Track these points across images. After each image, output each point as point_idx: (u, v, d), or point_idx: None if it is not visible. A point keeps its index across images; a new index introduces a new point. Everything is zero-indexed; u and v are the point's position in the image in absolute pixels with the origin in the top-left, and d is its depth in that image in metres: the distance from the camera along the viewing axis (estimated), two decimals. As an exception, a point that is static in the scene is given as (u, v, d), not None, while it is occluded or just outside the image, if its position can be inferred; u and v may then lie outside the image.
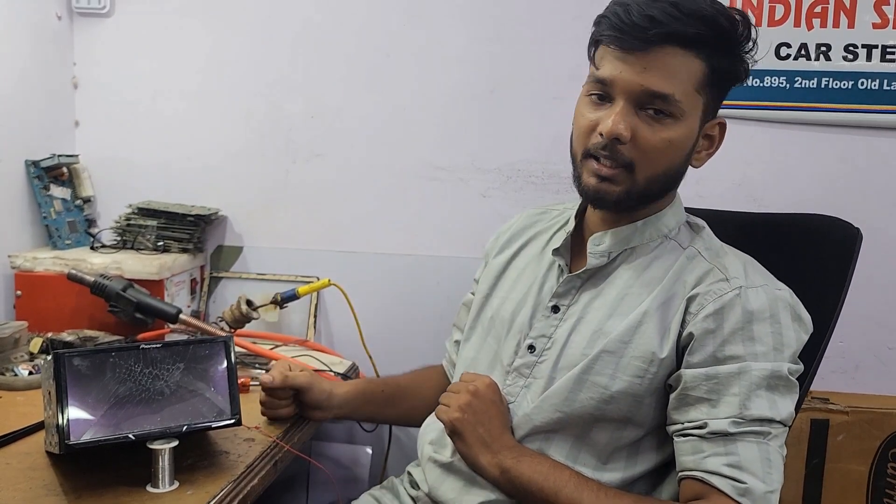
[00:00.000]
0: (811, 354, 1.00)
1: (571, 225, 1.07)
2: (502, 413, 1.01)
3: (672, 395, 0.93)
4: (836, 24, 1.58)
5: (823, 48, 1.59)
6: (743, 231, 1.15)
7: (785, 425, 0.91)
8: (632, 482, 0.97)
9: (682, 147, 0.96)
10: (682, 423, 0.92)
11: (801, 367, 0.95)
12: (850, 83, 1.58)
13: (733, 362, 0.90)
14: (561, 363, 0.99)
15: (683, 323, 0.94)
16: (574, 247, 1.07)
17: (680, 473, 0.91)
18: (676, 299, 0.96)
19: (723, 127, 1.01)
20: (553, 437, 0.98)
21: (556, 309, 1.03)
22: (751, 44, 0.96)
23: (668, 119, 0.93)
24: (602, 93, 0.96)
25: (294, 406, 1.20)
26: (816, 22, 1.58)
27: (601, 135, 0.94)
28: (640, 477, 0.97)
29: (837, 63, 1.58)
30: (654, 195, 0.99)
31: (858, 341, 1.62)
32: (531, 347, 1.03)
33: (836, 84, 1.59)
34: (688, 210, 1.09)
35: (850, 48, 1.58)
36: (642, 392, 0.94)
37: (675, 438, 0.92)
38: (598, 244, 1.02)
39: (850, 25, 1.57)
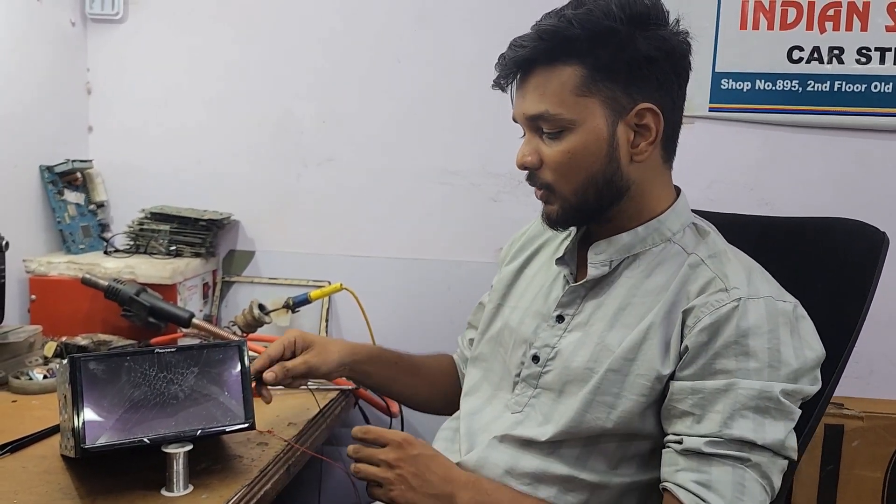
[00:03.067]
0: (832, 362, 0.97)
1: (573, 232, 1.07)
2: (435, 454, 0.99)
3: (664, 405, 0.92)
4: (849, 27, 1.57)
5: (836, 51, 1.58)
6: (760, 235, 1.13)
7: (774, 452, 0.87)
8: (645, 486, 0.96)
9: (591, 151, 0.95)
10: (668, 434, 0.91)
11: (803, 388, 0.89)
12: (863, 86, 1.58)
13: (722, 377, 0.87)
14: (568, 376, 0.98)
15: (682, 337, 0.92)
16: (580, 254, 1.05)
17: (661, 484, 0.91)
18: (677, 312, 0.94)
19: (653, 112, 0.95)
20: (559, 448, 0.98)
21: (560, 318, 1.02)
22: (633, 24, 0.93)
23: (564, 132, 0.95)
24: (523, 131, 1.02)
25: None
26: (829, 25, 1.58)
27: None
28: (653, 482, 0.96)
29: (850, 66, 1.58)
30: (596, 203, 0.97)
31: (873, 346, 1.60)
32: (535, 358, 1.02)
33: (849, 87, 1.58)
34: (701, 214, 1.08)
35: (863, 51, 1.57)
36: (647, 408, 0.93)
37: (663, 448, 0.92)
38: (598, 253, 1.01)
39: (863, 28, 1.57)
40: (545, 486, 0.97)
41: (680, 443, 0.88)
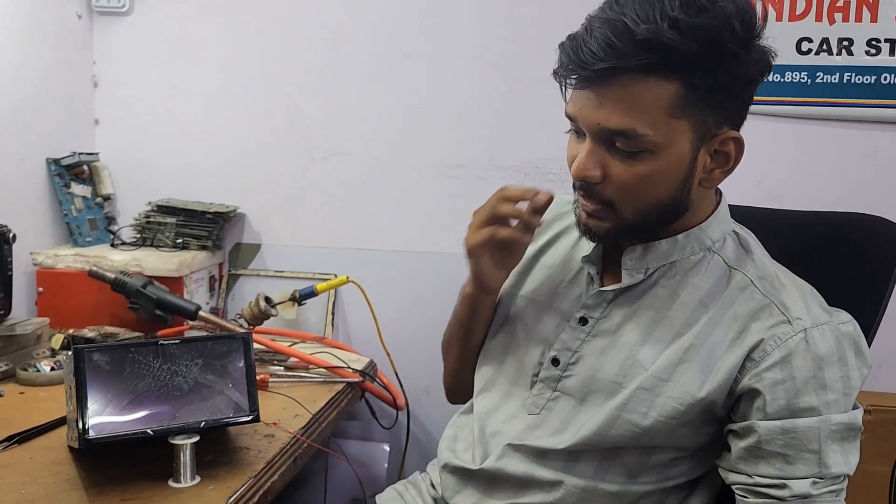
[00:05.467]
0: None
1: None
2: None
3: (740, 444, 0.87)
4: (859, 19, 1.56)
5: (845, 43, 1.57)
6: (775, 229, 1.10)
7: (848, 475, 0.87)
8: (662, 492, 0.94)
9: (666, 178, 0.86)
10: (752, 477, 0.86)
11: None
12: (873, 78, 1.56)
13: (810, 415, 0.84)
14: (592, 385, 0.94)
15: (742, 369, 0.86)
16: (606, 249, 0.98)
17: None
18: (727, 337, 0.88)
19: (738, 141, 0.88)
20: (577, 459, 0.94)
21: (583, 321, 0.96)
22: (743, 43, 0.82)
23: (643, 154, 0.84)
24: (576, 129, 0.89)
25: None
26: (838, 16, 1.57)
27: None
28: (672, 487, 0.95)
29: (860, 58, 1.56)
30: (655, 224, 0.90)
31: (881, 339, 1.57)
32: (555, 360, 0.97)
33: (859, 79, 1.57)
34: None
35: (873, 42, 1.56)
36: (675, 428, 0.90)
37: (742, 493, 0.87)
38: (634, 260, 0.94)
39: (873, 19, 1.55)
40: (563, 493, 0.94)
41: (783, 487, 0.84)
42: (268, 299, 1.61)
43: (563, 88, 0.88)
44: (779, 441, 0.84)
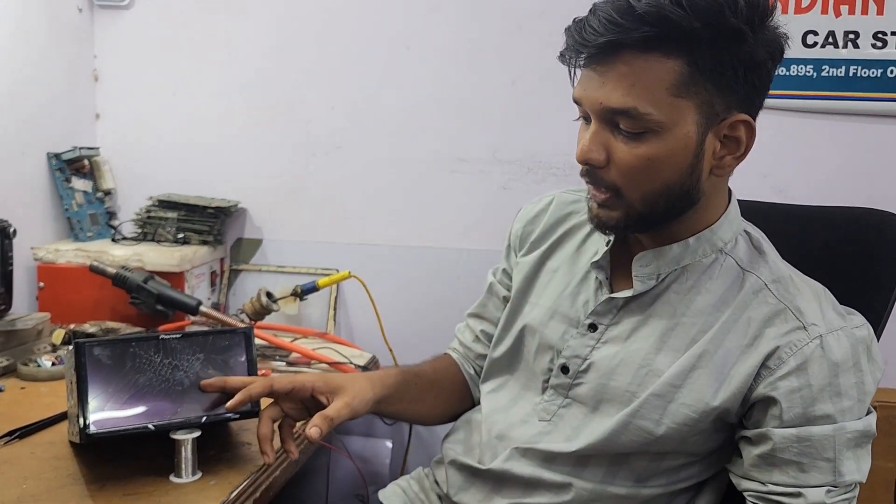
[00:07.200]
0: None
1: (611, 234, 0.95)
2: None
3: (753, 452, 0.86)
4: (865, 11, 1.55)
5: (851, 35, 1.56)
6: (781, 224, 1.08)
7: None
8: (670, 494, 0.94)
9: (674, 160, 0.83)
10: (766, 485, 0.85)
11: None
12: (879, 71, 1.55)
13: (825, 422, 0.83)
14: (605, 394, 0.92)
15: (757, 377, 0.85)
16: (614, 253, 0.95)
17: None
18: (741, 342, 0.87)
19: (748, 126, 0.86)
20: (586, 464, 0.93)
21: (593, 327, 0.94)
22: (752, 22, 0.81)
23: (647, 134, 0.82)
24: (584, 115, 0.88)
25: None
26: (844, 9, 1.55)
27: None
28: (679, 490, 0.94)
29: (866, 51, 1.55)
30: (664, 214, 0.88)
31: (887, 335, 1.57)
32: (564, 368, 0.95)
33: (865, 72, 1.56)
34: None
35: (879, 35, 1.55)
36: (687, 435, 0.89)
37: (755, 501, 0.86)
38: (645, 266, 0.91)
39: (879, 12, 1.54)
40: (573, 496, 0.93)
41: (798, 496, 0.83)
42: (269, 294, 1.60)
43: (571, 73, 0.87)
44: (794, 449, 0.84)
